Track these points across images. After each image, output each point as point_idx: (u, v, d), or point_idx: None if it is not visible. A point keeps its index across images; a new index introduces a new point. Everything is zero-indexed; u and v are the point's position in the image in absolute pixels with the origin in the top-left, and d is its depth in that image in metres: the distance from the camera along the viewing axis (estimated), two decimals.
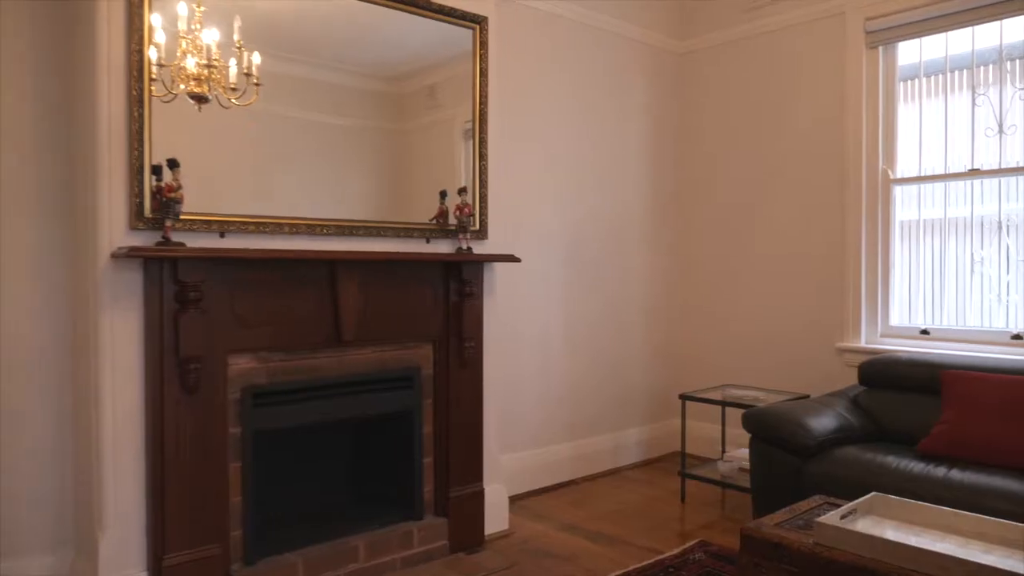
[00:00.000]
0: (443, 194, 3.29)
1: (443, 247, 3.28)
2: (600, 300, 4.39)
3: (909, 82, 3.92)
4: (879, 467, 2.81)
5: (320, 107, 2.94)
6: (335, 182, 3.00)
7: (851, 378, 3.97)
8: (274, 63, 2.74)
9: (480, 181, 3.39)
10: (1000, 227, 3.63)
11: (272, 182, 2.83)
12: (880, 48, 3.93)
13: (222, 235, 2.65)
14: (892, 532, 2.03)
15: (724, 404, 3.70)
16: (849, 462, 2.90)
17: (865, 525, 2.08)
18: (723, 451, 4.14)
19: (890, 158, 3.95)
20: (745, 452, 3.95)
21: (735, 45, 4.54)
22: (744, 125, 4.50)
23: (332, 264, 2.87)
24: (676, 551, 3.21)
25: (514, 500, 3.77)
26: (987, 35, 3.64)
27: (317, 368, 2.89)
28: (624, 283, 4.52)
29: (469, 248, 3.27)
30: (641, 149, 4.61)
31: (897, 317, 3.95)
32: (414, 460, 3.19)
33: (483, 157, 3.39)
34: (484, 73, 3.38)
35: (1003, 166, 3.59)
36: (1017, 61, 3.58)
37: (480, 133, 3.39)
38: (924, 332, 3.82)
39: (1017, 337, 3.50)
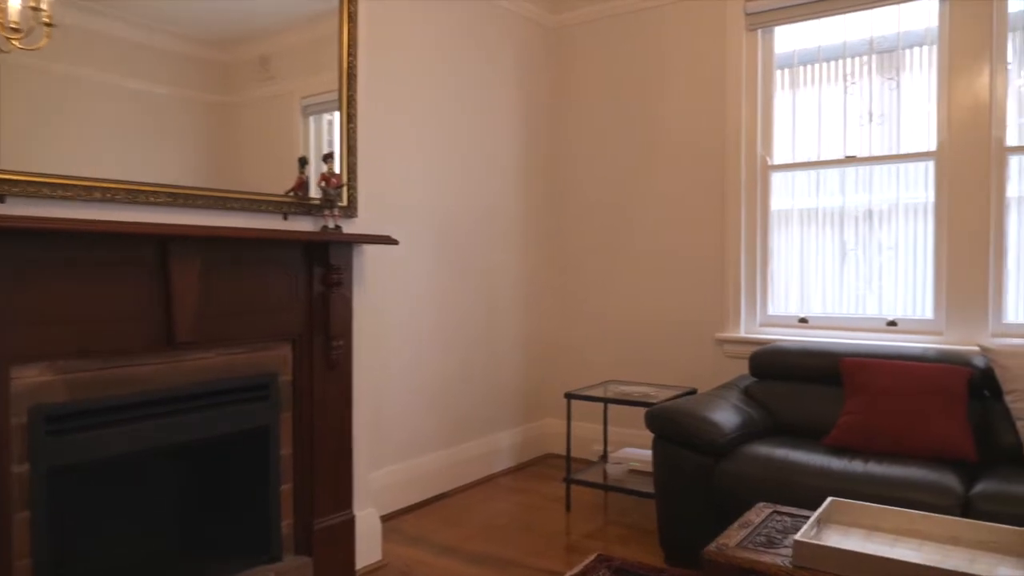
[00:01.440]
0: (303, 162, 2.70)
1: (304, 225, 2.69)
2: (471, 293, 3.96)
3: (783, 71, 3.87)
4: (795, 465, 2.63)
5: (122, 67, 2.20)
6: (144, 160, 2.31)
7: (732, 369, 3.87)
8: (77, 14, 2.04)
9: (348, 148, 2.83)
10: (870, 216, 3.65)
11: (76, 148, 2.10)
12: (759, 31, 3.84)
13: (1, 200, 1.92)
14: (869, 544, 1.79)
15: (616, 402, 3.41)
16: (762, 460, 2.70)
17: (835, 538, 1.82)
18: (605, 452, 3.88)
19: (767, 145, 3.87)
20: (633, 452, 3.71)
21: (612, 20, 4.29)
22: (622, 105, 4.27)
23: (163, 242, 2.20)
24: (577, 570, 2.86)
25: (384, 522, 3.24)
26: (858, 27, 3.65)
27: (141, 379, 2.21)
28: (495, 274, 4.13)
29: (338, 227, 2.71)
30: (513, 130, 4.23)
31: (775, 306, 3.89)
32: (269, 488, 2.57)
33: (351, 119, 2.84)
34: (353, 18, 2.82)
35: (873, 154, 3.61)
36: (886, 54, 3.61)
37: (348, 90, 2.82)
38: (803, 320, 3.77)
39: (892, 323, 3.52)
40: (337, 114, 2.81)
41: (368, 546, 2.90)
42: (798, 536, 1.70)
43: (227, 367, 2.43)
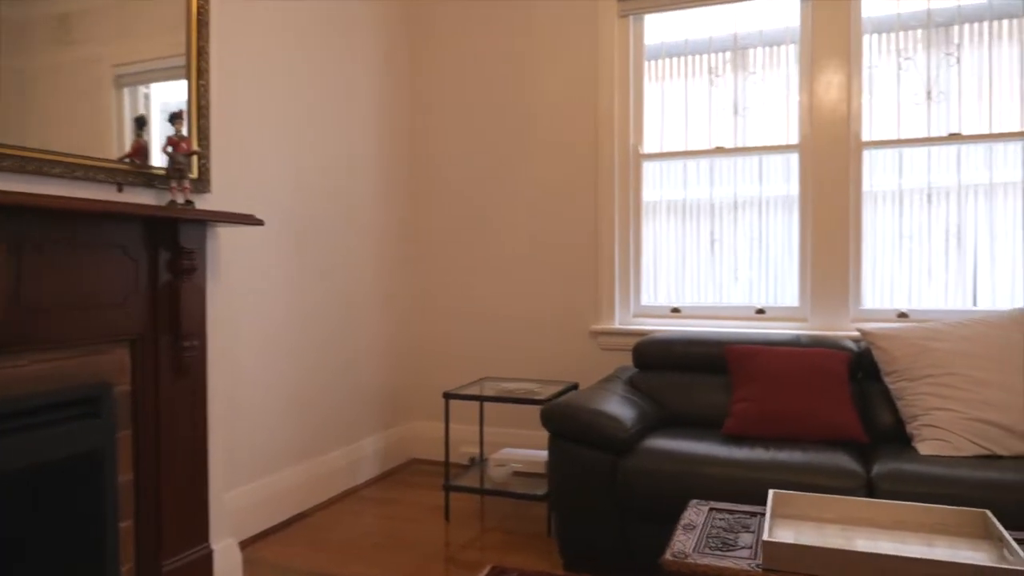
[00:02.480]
0: (140, 122, 2.20)
1: (145, 199, 2.19)
2: (329, 286, 3.54)
3: (651, 62, 3.85)
4: (700, 457, 2.54)
5: None
6: None
7: (608, 362, 3.78)
8: None
9: (199, 108, 2.35)
10: (736, 206, 3.72)
11: None
12: (631, 18, 3.78)
13: None
14: (825, 537, 1.69)
15: (502, 400, 3.17)
16: (666, 454, 2.59)
17: (788, 533, 1.71)
18: (481, 454, 3.63)
19: (639, 134, 3.83)
20: (514, 453, 3.50)
21: (479, 2, 4.05)
22: (489, 91, 4.04)
23: None
24: None
25: (242, 550, 2.77)
26: (723, 23, 3.70)
27: None
28: (355, 267, 3.74)
29: (190, 202, 2.23)
30: (372, 116, 3.86)
31: (647, 296, 3.85)
32: (104, 528, 2.06)
33: (202, 74, 2.36)
34: None
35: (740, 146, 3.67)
36: (751, 50, 3.68)
37: (198, 41, 2.35)
38: (675, 310, 3.76)
39: (760, 311, 3.60)
40: (154, 86, 2.27)
41: None
42: (765, 537, 1.56)
43: (44, 377, 1.89)
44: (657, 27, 3.81)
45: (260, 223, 2.38)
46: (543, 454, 3.48)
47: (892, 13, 3.42)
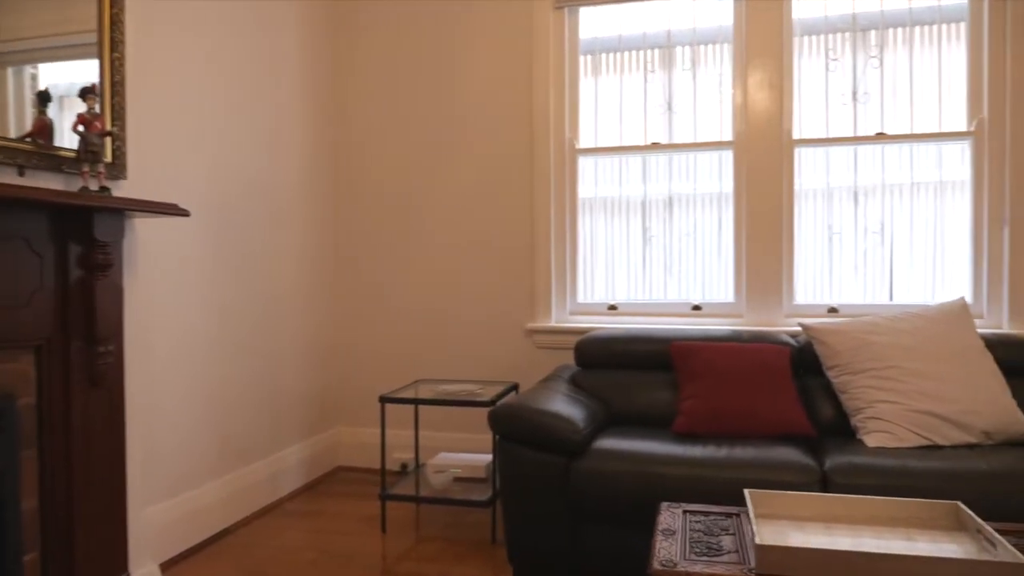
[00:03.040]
0: (44, 98, 1.93)
1: (52, 184, 1.92)
2: (250, 285, 3.29)
3: (586, 57, 3.79)
4: (655, 456, 2.49)
5: None
6: None
7: (545, 361, 3.70)
8: None
9: (113, 84, 2.09)
10: (671, 203, 3.71)
11: None
12: (565, 10, 3.71)
13: None
14: (809, 536, 1.65)
15: (443, 403, 3.01)
16: (620, 455, 2.52)
17: (771, 534, 1.66)
18: (417, 460, 3.47)
19: (574, 128, 3.76)
20: (451, 457, 3.36)
21: None
22: (421, 83, 3.87)
23: None
24: None
25: (161, 573, 2.51)
26: (657, 20, 3.68)
27: None
28: (277, 267, 3.49)
29: (105, 189, 1.97)
30: (296, 107, 3.62)
31: (583, 294, 3.80)
32: (3, 563, 1.78)
33: (116, 45, 2.10)
34: None
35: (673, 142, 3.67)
36: (685, 47, 3.68)
37: (112, 8, 2.09)
38: (612, 307, 3.72)
39: (697, 308, 3.60)
40: (42, 66, 2.00)
41: None
42: (762, 542, 1.49)
43: None
44: (591, 21, 3.76)
45: (186, 214, 2.14)
46: (483, 458, 3.36)
47: (820, 16, 3.50)
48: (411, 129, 3.89)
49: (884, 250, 3.44)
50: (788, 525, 1.74)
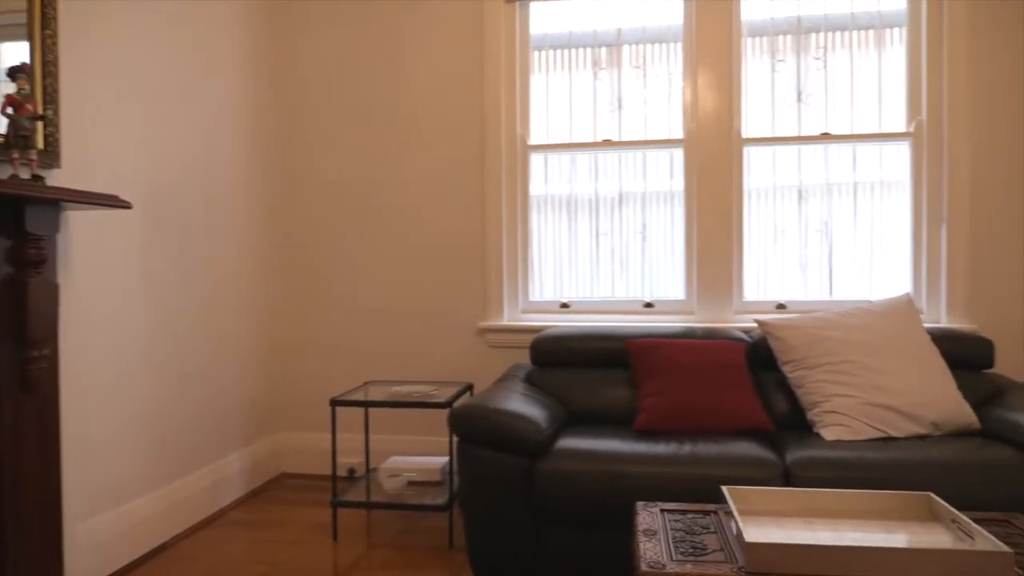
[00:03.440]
0: None
1: None
2: (190, 285, 3.11)
3: (537, 53, 3.75)
4: (620, 455, 2.46)
5: None
6: None
7: (497, 360, 3.64)
8: None
9: (44, 63, 1.92)
10: (621, 201, 3.71)
11: None
12: (517, 4, 3.66)
13: None
14: (792, 532, 1.64)
15: (398, 405, 2.91)
16: (584, 455, 2.48)
17: (755, 530, 1.65)
18: (367, 464, 3.35)
19: (526, 125, 3.72)
20: (403, 461, 3.27)
21: None
22: (369, 78, 3.75)
23: None
24: None
25: None
26: (608, 17, 3.68)
27: None
28: (219, 265, 3.32)
29: (38, 178, 1.81)
30: (238, 100, 3.44)
31: (535, 292, 3.75)
32: None
33: (48, 21, 1.93)
34: None
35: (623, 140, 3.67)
36: (635, 45, 3.69)
37: None
38: (564, 305, 3.69)
39: (649, 305, 3.61)
40: None
41: None
42: (751, 539, 1.47)
43: None
44: (542, 17, 3.72)
45: (127, 206, 1.99)
46: (438, 460, 3.28)
47: (766, 18, 3.56)
48: (360, 124, 3.76)
49: (827, 247, 3.52)
50: (768, 521, 1.73)
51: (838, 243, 3.50)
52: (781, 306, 3.48)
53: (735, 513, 1.61)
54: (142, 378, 2.79)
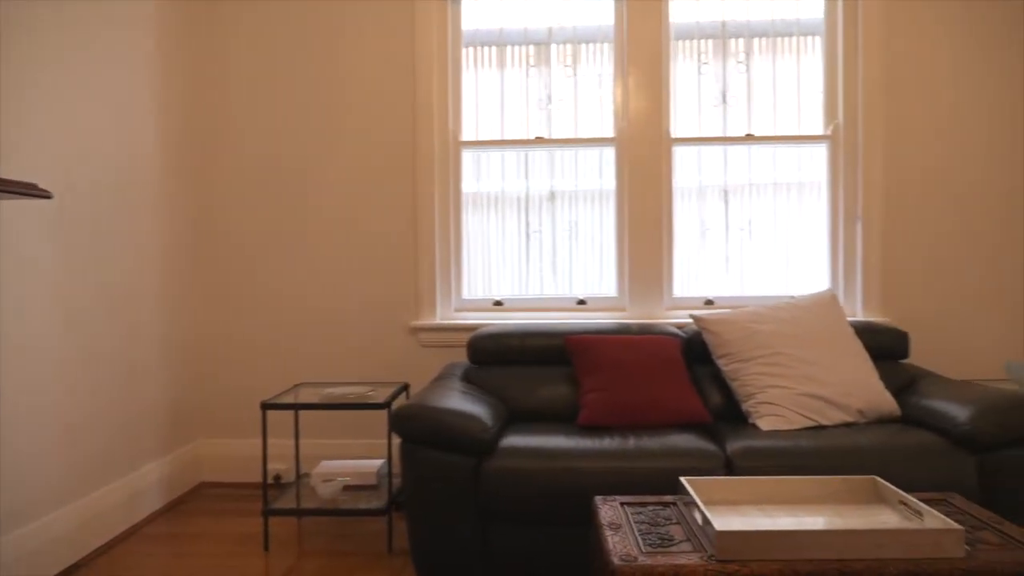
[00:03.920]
0: None
1: None
2: (102, 285, 2.90)
3: (468, 49, 3.71)
4: (567, 452, 2.45)
5: None
6: None
7: (430, 359, 3.58)
8: None
9: None
10: (553, 198, 3.72)
11: None
12: (449, 0, 3.62)
13: None
14: (756, 519, 1.68)
15: (334, 407, 2.80)
16: (531, 452, 2.46)
17: (717, 520, 1.67)
18: (297, 470, 3.22)
19: (457, 121, 3.67)
20: (336, 465, 3.16)
21: None
22: (297, 68, 3.60)
23: None
24: None
25: None
26: (539, 16, 3.68)
27: None
28: (135, 258, 3.11)
29: None
30: (154, 85, 3.23)
31: (467, 290, 3.71)
32: None
33: None
34: None
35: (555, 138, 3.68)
36: (566, 44, 3.71)
37: None
38: (498, 303, 3.67)
39: (582, 302, 3.64)
40: None
41: None
42: (721, 528, 1.49)
43: None
44: (474, 13, 3.69)
45: (47, 195, 1.82)
46: (373, 463, 3.19)
47: (693, 21, 3.65)
48: (289, 118, 3.62)
49: (750, 245, 3.64)
50: (726, 509, 1.76)
51: (761, 241, 3.63)
52: (709, 302, 3.58)
53: (699, 504, 1.62)
54: (50, 384, 2.57)
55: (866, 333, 2.99)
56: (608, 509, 1.80)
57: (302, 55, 3.60)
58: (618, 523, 1.70)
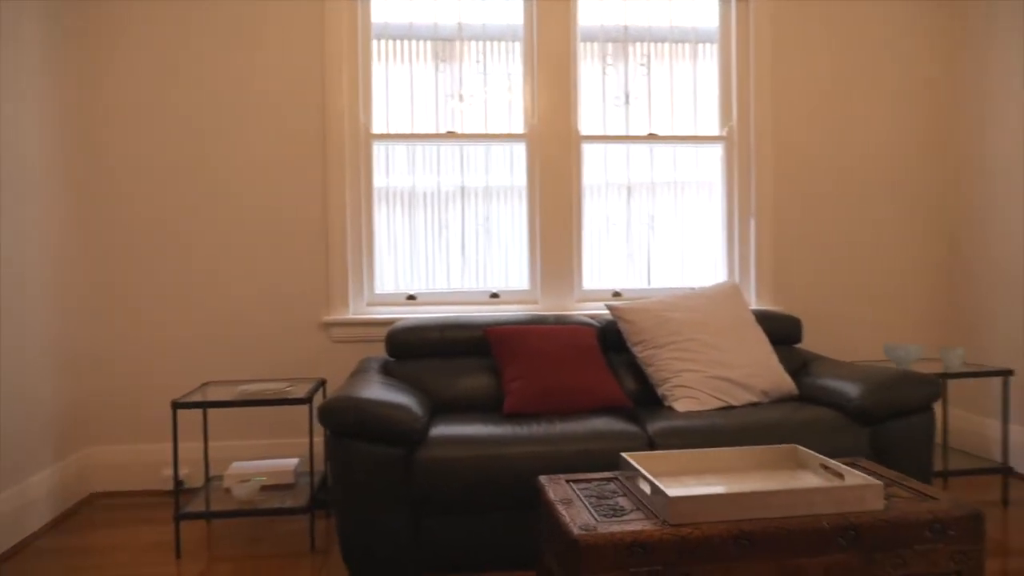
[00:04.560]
0: None
1: None
2: None
3: (377, 42, 3.68)
4: (499, 439, 2.48)
5: None
6: None
7: (344, 355, 3.53)
8: None
9: None
10: (463, 194, 3.75)
11: None
12: None
13: None
14: (702, 487, 1.78)
15: (251, 404, 2.69)
16: (463, 442, 2.48)
17: (668, 488, 1.76)
18: (206, 472, 3.07)
19: (368, 115, 3.63)
20: (247, 466, 3.05)
21: None
22: (200, 60, 3.43)
23: None
24: None
25: None
26: (449, 12, 3.71)
27: None
28: (15, 255, 2.86)
29: None
30: (34, 75, 2.99)
31: (380, 284, 3.67)
32: None
33: None
34: None
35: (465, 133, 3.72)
36: (476, 41, 3.74)
37: None
38: (411, 298, 3.65)
39: (495, 295, 3.68)
40: None
41: None
42: (674, 493, 1.57)
43: None
44: (383, 6, 3.65)
45: None
46: (288, 462, 3.09)
47: (598, 24, 3.79)
48: (191, 114, 3.43)
49: (653, 240, 3.82)
50: (669, 480, 1.86)
51: (662, 236, 3.82)
52: (617, 294, 3.73)
53: (647, 475, 1.71)
54: None
55: (765, 320, 3.22)
56: (556, 487, 1.85)
57: (208, 49, 3.43)
58: (568, 498, 1.75)
